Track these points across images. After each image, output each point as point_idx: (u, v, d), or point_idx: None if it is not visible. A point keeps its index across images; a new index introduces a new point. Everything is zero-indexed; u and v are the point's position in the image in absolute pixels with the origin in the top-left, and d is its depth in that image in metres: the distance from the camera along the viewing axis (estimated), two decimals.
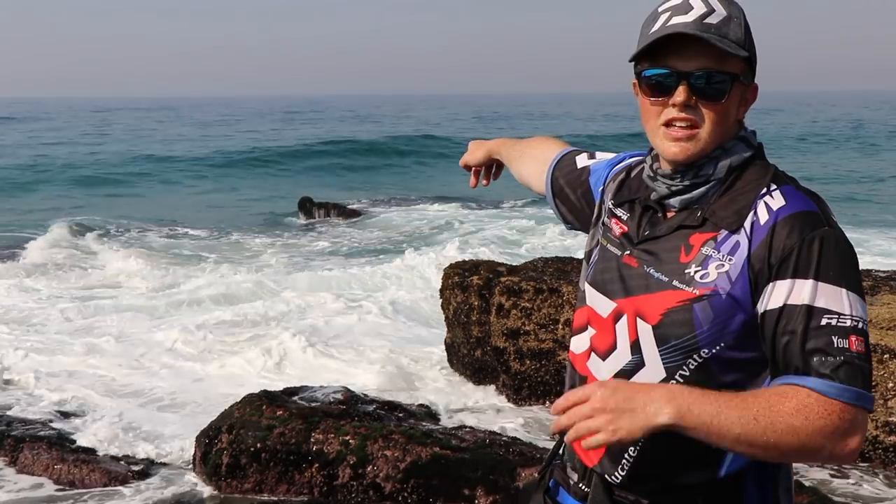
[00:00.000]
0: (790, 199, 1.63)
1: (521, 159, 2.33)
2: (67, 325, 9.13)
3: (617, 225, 1.85)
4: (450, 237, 15.36)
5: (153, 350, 8.12)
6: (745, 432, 1.50)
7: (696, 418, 1.51)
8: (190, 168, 29.27)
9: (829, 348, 1.51)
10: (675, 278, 1.67)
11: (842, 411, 1.49)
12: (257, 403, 5.24)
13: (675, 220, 1.73)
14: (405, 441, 4.82)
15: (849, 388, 1.49)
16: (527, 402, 6.67)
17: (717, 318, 1.62)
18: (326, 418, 5.09)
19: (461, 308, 7.04)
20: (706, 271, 1.64)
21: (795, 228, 1.59)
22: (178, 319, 9.42)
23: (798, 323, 1.54)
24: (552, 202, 2.17)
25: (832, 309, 1.54)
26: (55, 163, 29.73)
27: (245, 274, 11.85)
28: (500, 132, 41.62)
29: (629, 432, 1.53)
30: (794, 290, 1.56)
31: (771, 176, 1.68)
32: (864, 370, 1.52)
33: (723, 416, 1.50)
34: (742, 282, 1.61)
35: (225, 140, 42.38)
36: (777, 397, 1.51)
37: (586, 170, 2.08)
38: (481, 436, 5.08)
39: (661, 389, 1.55)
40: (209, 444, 5.12)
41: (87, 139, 44.67)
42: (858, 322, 1.54)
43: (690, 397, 1.53)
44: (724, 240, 1.65)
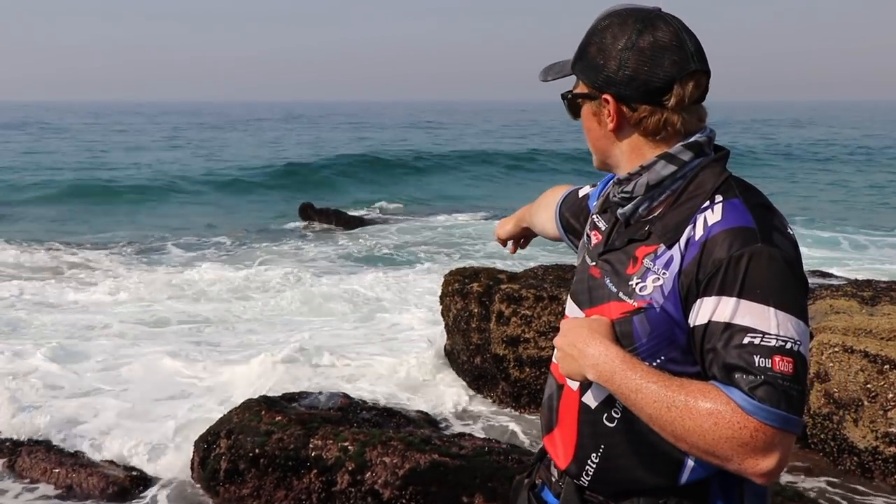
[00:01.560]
0: (727, 214, 1.63)
1: (537, 211, 2.42)
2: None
3: (594, 235, 1.92)
4: (453, 249, 15.43)
5: (150, 356, 8.15)
6: (657, 416, 1.56)
7: (616, 388, 1.62)
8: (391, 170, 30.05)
9: (749, 367, 1.51)
10: (621, 290, 1.72)
11: (756, 429, 1.48)
12: (256, 409, 5.27)
13: (628, 233, 1.78)
14: (404, 448, 4.84)
15: (766, 407, 1.48)
16: (526, 410, 6.70)
17: (654, 331, 1.65)
18: (325, 424, 5.11)
19: (461, 315, 7.06)
20: (644, 284, 1.68)
21: (725, 244, 1.59)
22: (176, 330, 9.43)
23: (720, 340, 1.55)
24: (565, 238, 2.26)
25: (755, 328, 1.53)
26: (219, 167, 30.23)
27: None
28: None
29: (568, 373, 1.73)
30: (719, 307, 1.56)
31: (717, 187, 1.69)
32: (788, 391, 1.50)
33: (640, 393, 1.58)
34: (673, 297, 1.64)
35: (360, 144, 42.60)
36: (698, 393, 1.54)
37: (585, 196, 2.17)
38: (480, 443, 5.10)
39: (594, 348, 1.67)
40: (207, 449, 5.15)
41: (192, 146, 44.75)
42: (787, 342, 1.52)
43: (616, 367, 1.62)
44: (662, 253, 1.68)
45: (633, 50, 1.68)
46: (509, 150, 38.46)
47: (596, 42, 1.73)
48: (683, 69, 1.67)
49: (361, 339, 8.75)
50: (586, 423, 1.80)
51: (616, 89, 1.71)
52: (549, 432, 1.93)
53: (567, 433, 1.85)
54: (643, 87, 1.68)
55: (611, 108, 1.73)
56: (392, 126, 70.54)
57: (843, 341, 5.31)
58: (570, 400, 1.84)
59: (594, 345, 1.67)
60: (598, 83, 1.73)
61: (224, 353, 8.25)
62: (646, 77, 1.68)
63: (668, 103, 1.69)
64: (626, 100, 1.71)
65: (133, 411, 6.54)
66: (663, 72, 1.67)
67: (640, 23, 1.69)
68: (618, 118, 1.74)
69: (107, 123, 69.07)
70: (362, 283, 11.68)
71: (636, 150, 1.76)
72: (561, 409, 1.88)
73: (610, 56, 1.71)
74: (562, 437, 1.87)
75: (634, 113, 1.72)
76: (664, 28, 1.69)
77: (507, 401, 6.80)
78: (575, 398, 1.83)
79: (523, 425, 6.42)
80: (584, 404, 1.80)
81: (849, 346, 5.28)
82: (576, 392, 1.82)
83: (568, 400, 1.85)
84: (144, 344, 8.59)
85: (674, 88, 1.68)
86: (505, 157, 35.07)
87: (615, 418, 1.74)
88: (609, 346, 1.66)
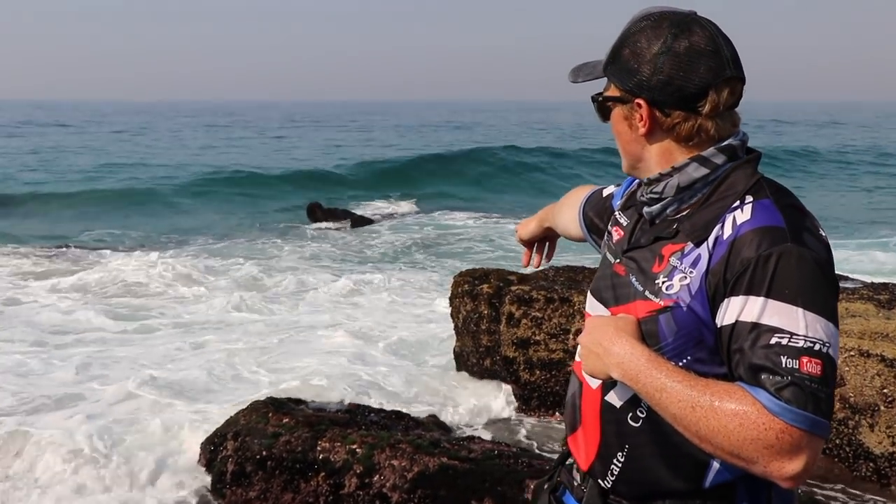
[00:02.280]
0: (757, 214, 1.63)
1: (560, 211, 2.41)
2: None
3: (617, 232, 1.93)
4: (464, 249, 15.39)
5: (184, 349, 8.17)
6: (682, 416, 1.56)
7: (641, 387, 1.62)
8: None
9: (776, 367, 1.50)
10: (647, 288, 1.72)
11: (781, 431, 1.48)
12: (263, 411, 5.26)
13: (655, 231, 1.78)
14: (412, 451, 4.82)
15: (793, 409, 1.48)
16: (536, 413, 6.65)
17: (681, 330, 1.65)
18: (333, 426, 5.10)
19: (470, 317, 7.04)
20: (671, 283, 1.68)
21: (753, 244, 1.58)
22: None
23: (746, 340, 1.54)
24: (589, 239, 2.25)
25: (783, 328, 1.52)
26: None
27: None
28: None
29: (592, 372, 1.73)
30: (746, 307, 1.56)
31: (749, 187, 1.69)
32: (816, 394, 1.49)
33: (665, 392, 1.57)
34: (700, 296, 1.63)
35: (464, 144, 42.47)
36: (724, 393, 1.53)
37: (609, 196, 2.16)
38: (489, 447, 5.08)
39: (620, 346, 1.66)
40: (214, 451, 5.15)
41: (310, 142, 45.27)
42: (815, 343, 1.51)
43: (641, 366, 1.62)
44: (689, 252, 1.68)
45: (669, 55, 1.67)
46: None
47: (630, 45, 1.73)
48: (719, 75, 1.67)
49: (369, 340, 8.73)
50: (610, 422, 1.80)
51: (649, 94, 1.71)
52: (573, 432, 1.93)
53: (590, 433, 1.85)
54: (677, 92, 1.68)
55: (643, 113, 1.73)
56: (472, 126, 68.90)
57: (859, 345, 5.28)
58: (592, 399, 1.84)
59: (619, 343, 1.67)
60: (631, 87, 1.73)
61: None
62: (680, 83, 1.67)
63: (703, 109, 1.68)
64: (659, 105, 1.71)
65: (142, 405, 6.52)
66: (698, 78, 1.66)
67: (675, 27, 1.68)
68: (650, 123, 1.73)
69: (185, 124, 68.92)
70: (362, 279, 11.66)
71: (667, 154, 1.75)
72: (584, 408, 1.87)
73: (644, 60, 1.70)
74: (585, 436, 1.87)
75: (667, 118, 1.71)
76: (700, 33, 1.68)
77: (518, 404, 6.77)
78: (596, 397, 1.82)
79: (534, 429, 6.38)
80: (608, 403, 1.79)
81: (865, 350, 5.25)
82: (597, 391, 1.82)
83: (590, 399, 1.85)
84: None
85: (709, 95, 1.67)
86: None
87: (640, 418, 1.73)
88: (635, 345, 1.66)
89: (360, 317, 9.86)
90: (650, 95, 1.70)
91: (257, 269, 12.68)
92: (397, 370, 7.54)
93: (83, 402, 6.73)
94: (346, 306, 10.41)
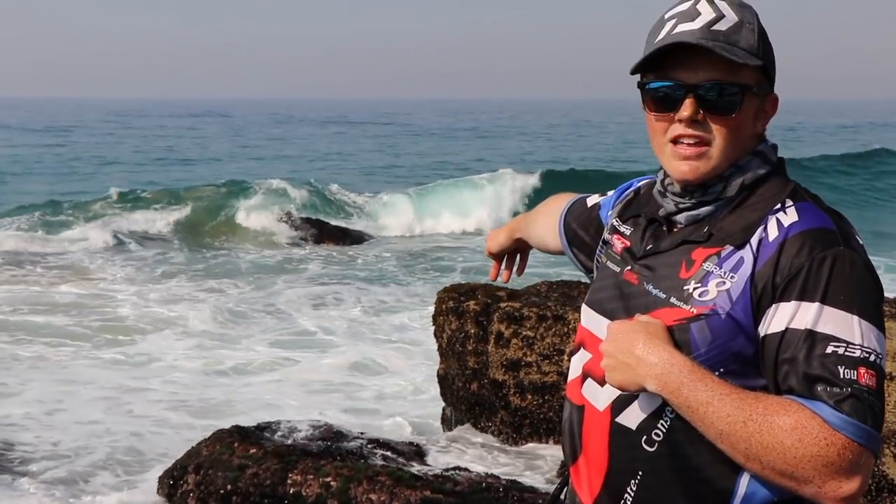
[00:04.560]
0: (804, 215, 1.61)
1: (536, 221, 2.37)
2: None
3: (619, 241, 1.87)
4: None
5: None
6: (730, 432, 1.50)
7: (682, 401, 1.54)
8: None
9: (835, 378, 1.47)
10: (672, 295, 1.66)
11: (843, 447, 1.44)
12: (228, 440, 5.15)
13: (680, 235, 1.73)
14: (392, 483, 4.69)
15: (856, 423, 1.45)
16: (528, 441, 6.48)
17: (716, 339, 1.60)
18: (305, 457, 4.97)
19: (456, 336, 6.85)
20: (706, 289, 1.63)
21: (806, 246, 1.56)
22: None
23: (800, 350, 1.51)
24: (569, 252, 2.19)
25: (840, 336, 1.50)
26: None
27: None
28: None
29: (620, 385, 1.63)
30: (799, 313, 1.53)
31: (788, 192, 1.67)
32: (874, 407, 1.47)
33: (712, 407, 1.51)
34: (743, 302, 1.59)
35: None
36: (777, 407, 1.49)
37: (596, 206, 2.12)
38: (477, 478, 5.00)
39: (657, 356, 1.57)
40: (173, 485, 5.00)
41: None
42: (870, 354, 1.50)
43: (684, 377, 1.53)
44: (728, 256, 1.63)
45: (768, 40, 1.69)
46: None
47: (763, 32, 1.69)
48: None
49: (345, 361, 8.56)
50: (621, 447, 1.71)
51: (773, 84, 1.74)
52: (574, 461, 1.84)
53: (596, 461, 1.76)
54: (773, 82, 1.73)
55: (776, 108, 1.74)
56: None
57: None
58: (598, 422, 1.75)
59: (656, 352, 1.58)
60: (772, 79, 1.73)
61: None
62: (774, 72, 1.72)
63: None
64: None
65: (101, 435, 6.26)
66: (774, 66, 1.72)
67: (751, 8, 1.71)
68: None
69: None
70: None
71: (747, 152, 1.72)
72: (586, 433, 1.78)
73: (769, 49, 1.70)
74: (589, 465, 1.78)
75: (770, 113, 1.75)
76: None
77: (507, 431, 6.60)
78: (605, 420, 1.73)
79: (525, 458, 6.22)
80: (619, 426, 1.71)
81: (887, 371, 5.06)
82: (605, 413, 1.73)
83: (595, 423, 1.76)
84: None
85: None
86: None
87: (655, 441, 1.66)
88: (674, 354, 1.58)
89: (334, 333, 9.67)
90: (773, 86, 1.73)
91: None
92: (376, 394, 7.38)
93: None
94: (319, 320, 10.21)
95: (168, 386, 7.73)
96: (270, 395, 7.59)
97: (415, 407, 7.46)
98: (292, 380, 8.04)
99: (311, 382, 7.95)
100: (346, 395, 7.65)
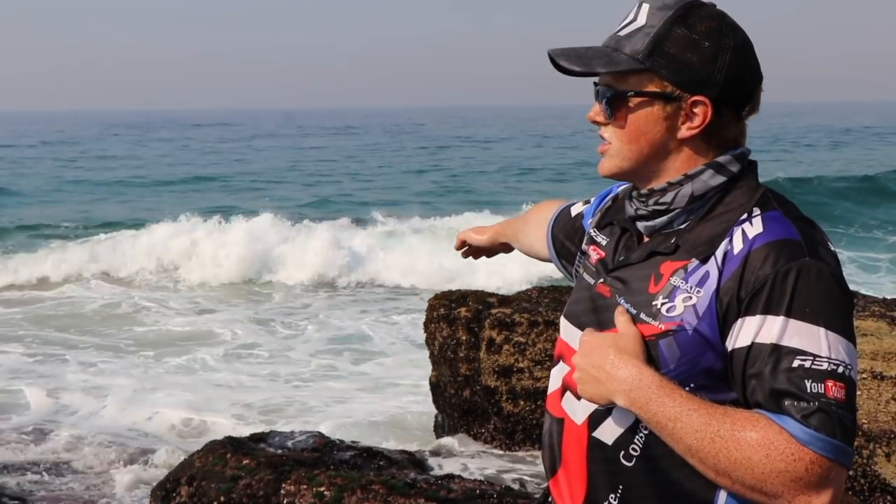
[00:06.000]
0: (770, 226, 1.59)
1: (525, 229, 2.37)
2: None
3: (595, 251, 1.87)
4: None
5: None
6: (699, 447, 1.50)
7: (651, 416, 1.54)
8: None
9: (801, 392, 1.46)
10: (642, 310, 1.66)
11: (811, 461, 1.44)
12: (221, 451, 5.09)
13: (649, 246, 1.72)
14: (386, 492, 4.68)
15: (822, 437, 1.44)
16: (521, 448, 6.52)
17: (684, 356, 1.60)
18: (298, 467, 4.94)
19: (447, 343, 6.89)
20: (673, 304, 1.62)
21: (770, 258, 1.54)
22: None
23: (766, 364, 1.50)
24: (558, 263, 2.19)
25: (806, 350, 1.49)
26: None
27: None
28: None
29: (591, 397, 1.63)
30: (764, 327, 1.52)
31: (756, 200, 1.65)
32: (843, 420, 1.46)
33: (680, 422, 1.51)
34: (710, 317, 1.58)
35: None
36: (745, 422, 1.49)
37: (579, 215, 2.11)
38: (471, 485, 4.95)
39: (626, 371, 1.57)
40: (166, 497, 4.96)
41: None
42: (838, 366, 1.49)
43: (652, 393, 1.54)
44: (694, 270, 1.62)
45: (730, 50, 1.63)
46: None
47: (679, 36, 1.63)
48: (760, 76, 1.68)
49: (337, 369, 8.57)
50: (598, 461, 1.70)
51: (712, 92, 1.63)
52: (553, 475, 1.83)
53: (575, 475, 1.75)
54: (737, 91, 1.65)
55: (704, 112, 1.64)
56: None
57: (872, 367, 5.17)
58: (576, 436, 1.75)
59: (625, 367, 1.58)
60: (688, 82, 1.64)
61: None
62: (741, 82, 1.65)
63: (744, 112, 1.68)
64: (716, 104, 1.64)
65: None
66: (751, 78, 1.66)
67: (723, 19, 1.65)
68: (707, 124, 1.65)
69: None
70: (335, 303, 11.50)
71: (692, 160, 1.68)
72: (565, 447, 1.77)
73: (704, 53, 1.63)
74: (568, 479, 1.77)
75: (720, 120, 1.65)
76: (739, 26, 1.67)
77: (500, 437, 6.64)
78: (582, 434, 1.73)
79: (518, 465, 6.25)
80: (596, 440, 1.70)
81: (878, 371, 5.14)
82: (582, 427, 1.73)
83: (573, 436, 1.75)
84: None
85: (754, 96, 1.67)
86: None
87: (633, 456, 1.65)
88: (643, 369, 1.57)
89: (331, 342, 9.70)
90: (713, 94, 1.63)
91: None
92: (368, 403, 7.41)
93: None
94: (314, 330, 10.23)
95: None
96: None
97: (408, 415, 7.50)
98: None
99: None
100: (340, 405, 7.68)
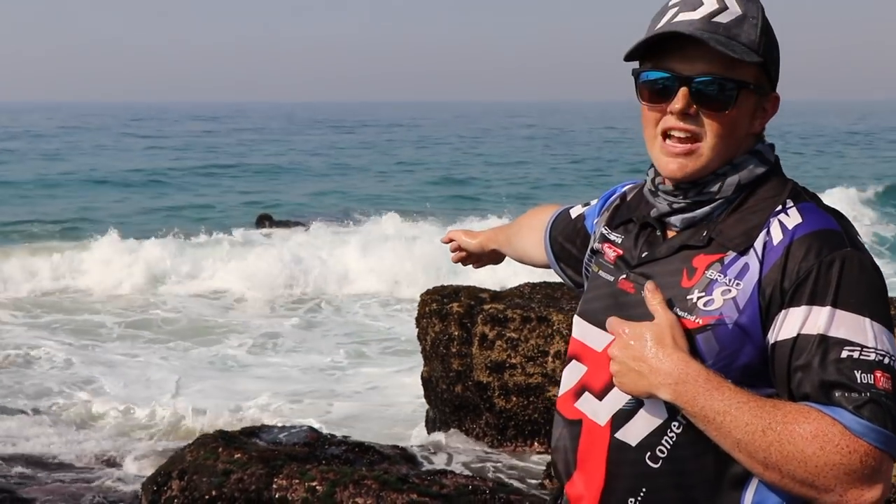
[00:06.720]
0: (808, 217, 1.58)
1: (519, 234, 2.34)
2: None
3: (611, 249, 1.82)
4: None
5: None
6: (748, 441, 1.47)
7: (698, 410, 1.50)
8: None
9: (852, 383, 1.44)
10: (676, 305, 1.61)
11: (866, 454, 1.41)
12: (212, 445, 5.09)
13: (677, 240, 1.68)
14: (378, 487, 4.69)
15: (876, 427, 1.42)
16: (513, 443, 6.54)
17: (723, 350, 1.56)
18: (290, 462, 4.95)
19: (439, 338, 6.89)
20: (710, 297, 1.58)
21: (813, 249, 1.53)
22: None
23: (814, 355, 1.48)
24: (556, 267, 2.16)
25: (854, 340, 1.47)
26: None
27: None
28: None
29: (630, 391, 1.59)
30: (810, 318, 1.50)
31: (788, 192, 1.64)
32: (891, 410, 1.44)
33: (729, 416, 1.48)
34: (751, 310, 1.55)
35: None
36: (797, 414, 1.45)
37: (580, 217, 2.08)
38: (463, 481, 4.97)
39: (671, 363, 1.52)
40: (157, 491, 4.95)
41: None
42: (885, 356, 1.47)
43: (699, 387, 1.50)
44: (732, 262, 1.59)
45: (773, 37, 1.66)
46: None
47: (769, 27, 1.66)
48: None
49: (330, 366, 8.57)
50: (621, 463, 1.66)
51: (774, 83, 1.69)
52: (569, 478, 1.78)
53: (593, 478, 1.70)
54: (776, 80, 1.69)
55: (776, 106, 1.70)
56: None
57: None
58: (595, 437, 1.70)
59: (669, 359, 1.54)
60: (776, 78, 1.69)
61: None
62: (778, 69, 1.68)
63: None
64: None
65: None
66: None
67: (758, 2, 1.67)
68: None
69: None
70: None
71: (738, 149, 1.67)
72: (582, 449, 1.72)
73: (773, 46, 1.66)
74: (586, 482, 1.72)
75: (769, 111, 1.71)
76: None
77: (492, 433, 6.65)
78: (603, 435, 1.68)
79: (510, 461, 6.27)
80: (619, 442, 1.66)
81: None
82: (604, 428, 1.68)
83: (591, 438, 1.71)
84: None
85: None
86: None
87: (660, 458, 1.61)
88: (689, 362, 1.53)
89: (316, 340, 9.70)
90: (775, 84, 1.68)
91: None
92: (360, 398, 7.41)
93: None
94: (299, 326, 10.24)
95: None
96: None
97: (399, 410, 7.51)
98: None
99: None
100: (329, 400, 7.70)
